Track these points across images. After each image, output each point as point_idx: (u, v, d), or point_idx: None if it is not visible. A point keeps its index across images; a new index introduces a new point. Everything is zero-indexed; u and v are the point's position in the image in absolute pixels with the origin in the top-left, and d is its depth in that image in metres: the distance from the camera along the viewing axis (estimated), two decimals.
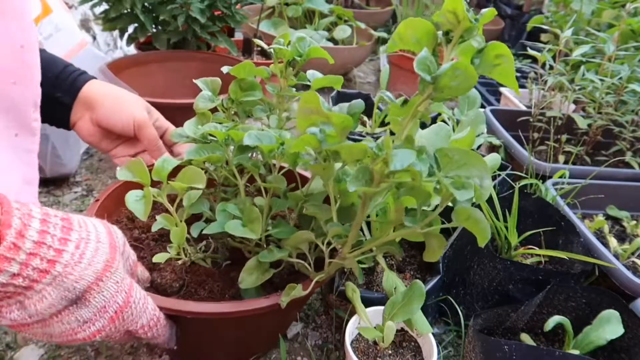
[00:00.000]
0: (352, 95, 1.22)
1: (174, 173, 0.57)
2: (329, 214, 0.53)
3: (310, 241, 0.55)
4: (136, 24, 1.18)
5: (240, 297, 0.59)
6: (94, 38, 1.33)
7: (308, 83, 0.64)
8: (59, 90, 0.66)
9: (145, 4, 1.14)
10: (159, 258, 0.55)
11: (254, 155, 0.61)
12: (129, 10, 1.13)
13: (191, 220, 0.59)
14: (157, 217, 0.56)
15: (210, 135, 0.58)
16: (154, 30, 1.21)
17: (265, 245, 0.59)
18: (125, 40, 1.23)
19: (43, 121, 0.70)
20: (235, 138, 0.56)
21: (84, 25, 1.30)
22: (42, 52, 0.66)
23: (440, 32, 0.41)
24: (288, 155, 0.57)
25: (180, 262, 0.58)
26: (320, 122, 0.45)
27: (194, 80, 0.67)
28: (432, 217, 0.45)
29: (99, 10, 1.18)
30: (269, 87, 0.66)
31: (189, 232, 0.57)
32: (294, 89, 0.67)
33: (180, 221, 0.57)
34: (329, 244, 0.54)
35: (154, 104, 0.93)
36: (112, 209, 0.68)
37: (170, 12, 1.12)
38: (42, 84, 0.63)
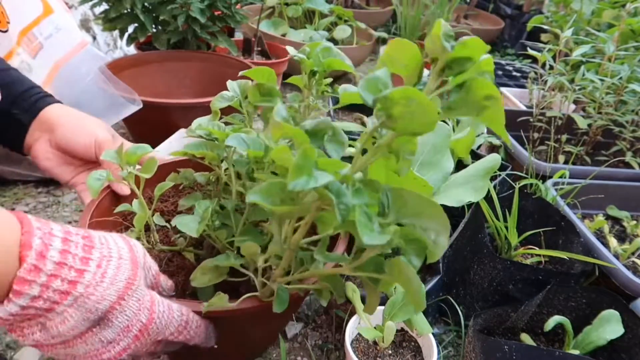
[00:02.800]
0: None
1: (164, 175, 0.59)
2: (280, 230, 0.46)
3: (255, 255, 0.50)
4: (136, 24, 1.17)
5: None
6: (94, 38, 1.33)
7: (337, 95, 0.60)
8: (18, 108, 0.63)
9: (145, 4, 1.14)
10: None
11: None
12: (129, 10, 1.13)
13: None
14: (123, 204, 0.58)
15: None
16: (154, 30, 1.21)
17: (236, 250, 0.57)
18: (125, 40, 1.23)
19: None
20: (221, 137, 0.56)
21: (84, 25, 1.30)
22: (13, 71, 0.64)
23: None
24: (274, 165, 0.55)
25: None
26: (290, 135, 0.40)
27: (227, 83, 0.65)
28: (368, 257, 0.38)
29: (99, 10, 1.18)
30: (291, 97, 0.65)
31: (171, 226, 0.58)
32: (321, 101, 0.66)
33: (151, 209, 0.59)
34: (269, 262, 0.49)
35: (154, 104, 0.94)
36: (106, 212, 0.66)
37: (170, 12, 1.12)
38: (2, 101, 0.61)
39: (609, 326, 0.64)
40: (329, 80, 0.65)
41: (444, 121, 1.01)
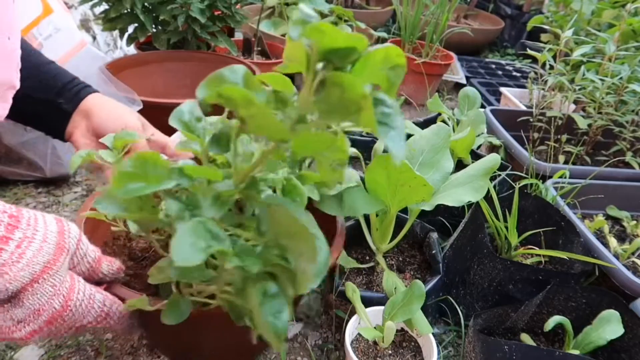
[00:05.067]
0: None
1: None
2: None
3: None
4: (136, 24, 1.17)
5: None
6: (94, 38, 1.33)
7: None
8: (62, 98, 0.68)
9: (145, 4, 1.13)
10: None
11: None
12: (129, 10, 1.13)
13: None
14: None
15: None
16: (154, 30, 1.21)
17: None
18: (125, 40, 1.23)
19: (40, 129, 0.71)
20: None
21: (84, 25, 1.30)
22: (52, 63, 0.70)
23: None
24: None
25: (117, 228, 0.57)
26: None
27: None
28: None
29: (99, 10, 1.18)
30: None
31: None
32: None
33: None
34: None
35: (153, 104, 0.93)
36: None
37: (170, 12, 1.12)
38: (47, 93, 0.67)
39: (609, 326, 0.64)
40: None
41: (443, 121, 1.01)
